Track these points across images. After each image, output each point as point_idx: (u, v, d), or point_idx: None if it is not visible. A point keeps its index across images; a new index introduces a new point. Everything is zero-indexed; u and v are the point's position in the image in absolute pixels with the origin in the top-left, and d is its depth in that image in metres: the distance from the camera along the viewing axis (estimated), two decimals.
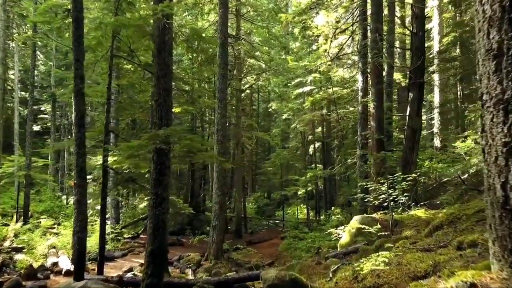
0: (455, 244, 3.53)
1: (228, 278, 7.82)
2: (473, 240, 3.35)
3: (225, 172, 13.94)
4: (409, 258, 3.52)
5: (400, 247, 4.54)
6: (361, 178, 12.40)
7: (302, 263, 7.16)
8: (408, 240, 5.12)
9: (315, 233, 17.01)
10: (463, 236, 3.72)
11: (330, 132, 24.22)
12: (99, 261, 8.46)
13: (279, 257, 16.55)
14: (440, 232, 5.00)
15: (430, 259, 3.26)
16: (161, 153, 6.54)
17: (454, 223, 5.14)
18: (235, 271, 13.07)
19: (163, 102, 6.69)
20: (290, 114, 24.77)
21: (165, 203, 6.58)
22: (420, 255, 3.52)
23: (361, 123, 12.94)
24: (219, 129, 13.82)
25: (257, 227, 26.94)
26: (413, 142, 11.71)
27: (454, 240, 4.22)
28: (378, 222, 8.09)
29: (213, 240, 13.56)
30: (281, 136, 33.43)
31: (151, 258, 6.35)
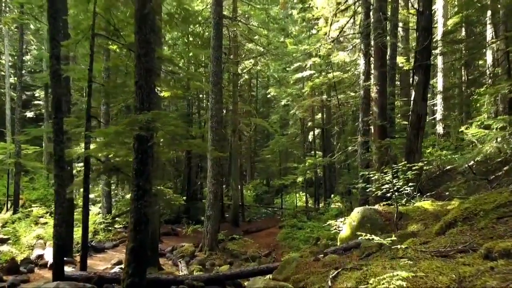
0: (483, 252, 2.92)
1: (219, 275, 7.27)
2: (507, 248, 2.74)
3: (220, 160, 13.33)
4: (424, 267, 2.91)
5: (410, 249, 3.94)
6: (362, 166, 11.78)
7: (298, 259, 6.59)
8: (418, 238, 4.52)
9: (314, 222, 16.50)
10: (491, 241, 3.11)
11: (330, 118, 23.53)
12: (82, 256, 7.90)
13: (277, 247, 16.07)
14: (454, 230, 4.39)
15: (452, 271, 2.66)
16: (142, 140, 5.90)
17: (470, 220, 4.53)
18: (230, 263, 12.60)
19: (144, 83, 6.02)
20: (289, 100, 24.03)
21: (147, 195, 5.97)
22: (438, 264, 2.91)
23: (363, 108, 12.25)
24: (213, 115, 13.16)
25: (255, 215, 26.51)
26: (418, 129, 11.05)
27: (474, 242, 3.61)
28: (381, 214, 7.51)
29: (208, 230, 13.04)
30: (280, 123, 32.72)
31: (132, 256, 5.77)
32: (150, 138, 5.91)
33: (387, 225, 7.23)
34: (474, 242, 3.56)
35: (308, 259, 6.68)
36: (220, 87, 13.53)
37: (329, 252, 6.93)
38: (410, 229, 6.48)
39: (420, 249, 3.85)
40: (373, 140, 11.47)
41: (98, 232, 14.33)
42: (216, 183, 13.16)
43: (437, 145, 19.65)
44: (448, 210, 6.67)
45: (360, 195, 11.71)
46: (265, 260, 13.19)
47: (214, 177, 13.08)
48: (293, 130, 26.93)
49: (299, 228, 17.25)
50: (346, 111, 18.23)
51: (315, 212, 19.32)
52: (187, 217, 22.77)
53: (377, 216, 7.40)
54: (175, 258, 11.97)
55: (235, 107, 19.87)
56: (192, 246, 13.08)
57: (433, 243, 4.01)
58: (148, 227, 6.01)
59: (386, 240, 4.29)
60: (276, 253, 14.92)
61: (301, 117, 25.44)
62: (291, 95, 23.48)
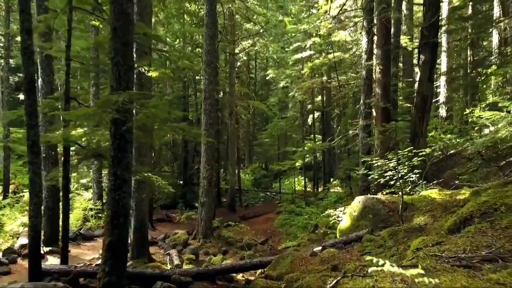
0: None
1: (209, 269, 6.75)
2: None
3: (216, 144, 12.70)
4: (446, 284, 2.32)
5: (422, 253, 3.35)
6: (363, 151, 11.17)
7: (294, 254, 6.04)
8: (428, 236, 3.94)
9: (312, 208, 16.01)
10: None
11: (330, 100, 22.81)
12: (63, 248, 7.36)
13: (274, 234, 15.62)
14: (472, 229, 3.80)
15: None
16: (120, 124, 5.26)
17: (490, 216, 3.94)
18: (225, 251, 12.13)
19: (121, 60, 5.34)
20: (288, 81, 23.25)
21: (126, 185, 5.36)
22: (464, 281, 2.32)
23: (365, 90, 11.56)
24: (207, 97, 12.47)
25: (253, 200, 26.08)
26: (423, 111, 10.41)
27: (500, 247, 3.01)
28: (384, 204, 6.94)
29: (202, 217, 12.52)
30: (279, 105, 31.95)
31: (110, 252, 5.21)
32: (125, 121, 5.26)
33: (390, 217, 6.66)
34: (500, 246, 2.98)
35: (305, 253, 6.13)
36: (214, 67, 12.80)
37: (328, 245, 6.38)
38: (416, 222, 5.90)
39: (434, 252, 3.26)
40: (376, 123, 10.83)
41: (88, 219, 13.84)
42: (210, 168, 12.57)
43: (440, 128, 19.03)
44: (458, 201, 6.09)
45: (361, 181, 11.14)
46: (261, 248, 12.74)
47: (208, 162, 12.48)
48: (292, 113, 26.20)
49: (297, 214, 16.77)
50: (346, 93, 17.50)
51: (313, 198, 18.83)
52: (183, 202, 22.30)
53: (380, 206, 6.83)
54: (167, 246, 11.49)
55: (232, 89, 19.14)
56: (186, 234, 12.59)
57: (448, 244, 3.42)
58: (127, 220, 5.43)
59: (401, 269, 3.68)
60: (273, 240, 14.47)
61: (300, 100, 24.71)
62: (290, 76, 22.70)
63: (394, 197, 7.12)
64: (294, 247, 11.41)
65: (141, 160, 9.70)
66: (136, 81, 9.67)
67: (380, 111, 10.68)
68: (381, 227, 6.55)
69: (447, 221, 4.86)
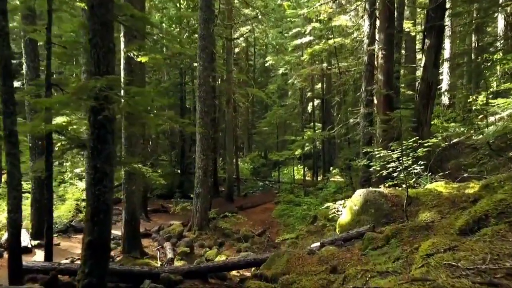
0: None
1: (200, 267, 6.35)
2: None
3: (209, 134, 12.24)
4: None
5: (433, 261, 2.92)
6: (364, 141, 10.71)
7: (290, 252, 5.64)
8: (439, 239, 3.50)
9: (312, 198, 15.62)
10: None
11: (330, 88, 22.25)
12: (46, 244, 6.96)
13: (272, 224, 15.26)
14: (488, 231, 3.37)
15: None
16: (98, 113, 4.79)
17: (508, 216, 3.51)
18: (221, 243, 11.77)
19: (100, 41, 4.84)
20: (287, 68, 22.66)
21: (107, 180, 4.92)
22: None
23: (366, 76, 11.03)
24: (202, 84, 11.95)
25: (252, 189, 25.74)
26: (428, 99, 9.94)
27: None
28: (387, 198, 6.51)
29: (197, 209, 12.13)
30: (278, 93, 31.37)
31: (90, 251, 4.79)
32: (103, 110, 4.78)
33: (393, 211, 6.24)
34: None
35: (302, 251, 5.72)
36: (209, 53, 12.24)
37: (327, 242, 5.97)
38: (422, 218, 5.48)
39: (448, 261, 2.83)
40: (377, 111, 10.35)
41: (81, 210, 13.45)
42: (206, 158, 12.12)
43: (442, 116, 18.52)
44: (467, 195, 5.66)
45: (362, 172, 10.71)
46: (258, 240, 12.38)
47: (203, 152, 12.03)
48: (291, 101, 25.65)
49: (296, 204, 16.40)
50: (347, 79, 16.94)
51: (313, 187, 18.44)
52: (180, 192, 21.93)
53: (382, 200, 6.40)
54: (161, 239, 11.11)
55: (229, 76, 18.57)
56: (181, 226, 12.22)
57: (464, 251, 2.98)
58: (109, 216, 4.99)
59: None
60: (271, 231, 14.12)
61: (300, 87, 24.16)
62: (289, 63, 22.12)
63: (398, 191, 6.69)
64: (292, 239, 11.06)
65: (131, 151, 9.25)
66: (125, 66, 9.18)
67: (382, 99, 10.19)
68: (384, 222, 6.14)
69: (457, 219, 4.43)
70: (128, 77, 9.07)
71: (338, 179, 24.20)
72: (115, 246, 9.70)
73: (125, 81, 9.07)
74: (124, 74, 9.10)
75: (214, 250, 10.08)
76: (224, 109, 20.79)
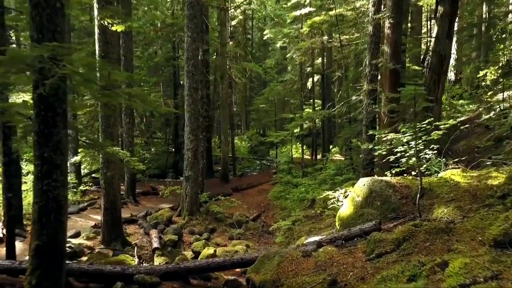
0: None
1: (180, 267, 5.55)
2: None
3: (199, 112, 11.29)
4: None
5: None
6: (367, 120, 9.76)
7: (283, 254, 4.81)
8: (474, 262, 2.66)
9: (310, 180, 14.80)
10: None
11: (331, 63, 21.11)
12: (8, 240, 6.16)
13: (268, 208, 14.52)
14: None
15: None
16: (45, 90, 3.85)
17: None
18: (212, 229, 11.04)
19: (43, 1, 3.85)
20: (286, 41, 21.42)
21: (58, 172, 4.03)
22: None
23: (371, 48, 9.96)
24: (190, 57, 10.90)
25: (249, 169, 25.02)
26: (439, 74, 8.94)
27: None
28: (395, 189, 5.64)
29: (187, 193, 11.32)
30: (276, 68, 30.13)
31: (38, 259, 3.96)
32: (56, 86, 3.84)
33: (403, 205, 5.39)
34: None
35: (295, 253, 4.90)
36: (198, 23, 11.13)
37: (325, 241, 5.15)
38: (438, 215, 4.63)
39: None
40: (383, 88, 9.36)
41: None
42: (196, 139, 11.21)
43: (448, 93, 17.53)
44: (491, 187, 4.80)
45: (364, 153, 9.82)
46: (252, 226, 11.65)
47: (193, 132, 11.11)
48: (290, 76, 24.47)
49: (294, 185, 15.63)
50: (349, 52, 15.80)
51: (311, 168, 17.61)
52: (174, 172, 21.15)
53: (390, 191, 5.54)
54: (147, 226, 10.35)
55: (223, 50, 17.41)
56: (170, 211, 11.45)
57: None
58: (62, 216, 4.13)
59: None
60: (266, 215, 13.39)
61: (299, 62, 22.96)
62: (288, 36, 20.85)
63: (407, 180, 5.81)
64: (288, 226, 10.32)
65: (109, 132, 8.33)
66: (100, 37, 8.13)
67: (388, 74, 9.19)
68: (392, 218, 5.30)
69: (483, 220, 3.57)
70: (103, 50, 8.05)
71: (338, 157, 23.38)
72: (95, 235, 8.93)
73: (100, 53, 8.08)
74: (99, 46, 8.07)
75: (202, 241, 9.29)
76: (219, 85, 19.72)
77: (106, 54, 8.06)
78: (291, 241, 9.60)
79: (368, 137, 9.59)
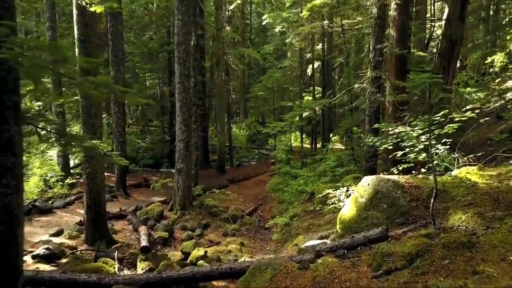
0: None
1: (162, 277, 4.97)
2: None
3: (191, 101, 10.62)
4: None
5: None
6: (371, 109, 9.09)
7: (276, 267, 4.22)
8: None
9: (309, 171, 14.20)
10: None
11: (331, 49, 20.30)
12: None
13: (265, 200, 13.96)
14: None
15: None
16: None
17: None
18: (206, 225, 10.49)
19: None
20: (285, 26, 20.56)
21: (9, 176, 3.39)
22: None
23: (376, 32, 9.22)
24: (181, 42, 10.18)
25: (247, 158, 24.43)
26: (450, 59, 8.24)
27: None
28: (404, 190, 5.02)
29: (179, 186, 10.74)
30: (275, 54, 29.26)
31: None
32: None
33: (413, 208, 4.77)
34: None
35: (291, 264, 4.30)
36: (189, 5, 10.36)
37: (324, 250, 4.55)
38: (454, 222, 4.02)
39: None
40: (388, 75, 8.68)
41: (51, 186, 12.06)
42: (188, 129, 10.56)
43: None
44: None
45: (367, 146, 9.18)
46: (248, 220, 11.09)
47: (184, 122, 10.46)
48: (289, 63, 23.66)
49: (292, 176, 15.04)
50: (350, 37, 15.02)
51: (311, 158, 17.01)
52: (169, 162, 20.53)
53: (398, 192, 4.92)
54: (137, 222, 9.78)
55: (218, 34, 16.61)
56: (161, 205, 10.87)
57: None
58: (15, 229, 3.51)
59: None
60: (264, 208, 12.84)
61: (299, 48, 22.14)
62: (287, 20, 19.98)
63: (417, 179, 5.18)
64: (285, 223, 9.75)
65: (91, 123, 7.68)
66: (79, 19, 7.41)
67: (394, 59, 8.49)
68: (400, 223, 4.69)
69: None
70: (82, 33, 7.34)
71: (338, 146, 22.75)
72: (78, 233, 8.35)
73: (79, 37, 7.37)
74: (78, 29, 7.35)
75: (193, 241, 8.70)
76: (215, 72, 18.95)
77: (86, 38, 7.36)
78: (289, 238, 9.05)
79: (371, 129, 8.95)
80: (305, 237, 7.87)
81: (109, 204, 11.81)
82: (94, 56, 7.44)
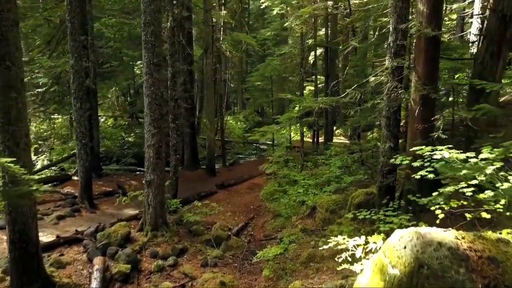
0: None
1: None
2: None
3: (161, 96, 8.52)
4: None
5: None
6: (390, 110, 6.95)
7: None
8: None
9: (310, 179, 12.08)
10: None
11: (336, 34, 18.06)
12: None
13: (258, 211, 11.90)
14: None
15: None
16: None
17: None
18: (182, 250, 8.49)
19: None
20: (283, 8, 18.32)
21: None
22: None
23: (397, 8, 7.03)
24: (148, 22, 8.05)
25: (244, 153, 22.50)
26: (500, 43, 6.10)
27: None
28: (469, 264, 2.95)
29: (149, 202, 8.74)
30: (274, 39, 26.95)
31: None
32: None
33: None
34: None
35: None
36: None
37: None
38: None
39: None
40: (416, 63, 6.55)
41: None
42: (158, 132, 8.47)
43: None
44: None
45: (382, 155, 7.07)
46: (235, 243, 9.11)
47: (154, 123, 8.38)
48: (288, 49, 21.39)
49: (290, 182, 12.98)
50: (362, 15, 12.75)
51: (311, 157, 14.93)
52: None
53: (461, 271, 2.86)
54: (93, 249, 7.82)
55: (207, 17, 14.40)
56: (127, 225, 8.86)
57: None
58: None
59: None
60: (255, 224, 10.82)
61: (300, 33, 19.87)
62: (286, 1, 17.74)
63: (489, 243, 3.09)
64: (278, 254, 7.76)
65: (10, 131, 5.61)
66: None
67: (424, 43, 6.36)
68: None
69: None
70: None
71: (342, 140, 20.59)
72: (4, 276, 6.37)
73: None
74: None
75: (163, 273, 6.75)
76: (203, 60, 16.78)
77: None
78: (283, 275, 7.07)
79: (390, 134, 6.87)
80: (303, 284, 5.87)
81: (67, 221, 9.88)
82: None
